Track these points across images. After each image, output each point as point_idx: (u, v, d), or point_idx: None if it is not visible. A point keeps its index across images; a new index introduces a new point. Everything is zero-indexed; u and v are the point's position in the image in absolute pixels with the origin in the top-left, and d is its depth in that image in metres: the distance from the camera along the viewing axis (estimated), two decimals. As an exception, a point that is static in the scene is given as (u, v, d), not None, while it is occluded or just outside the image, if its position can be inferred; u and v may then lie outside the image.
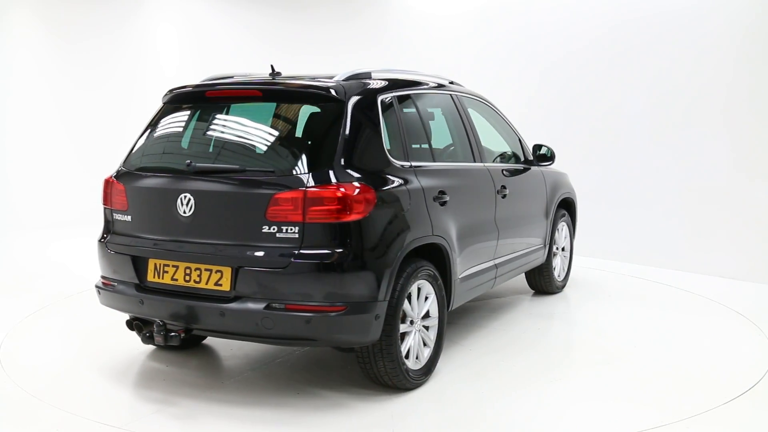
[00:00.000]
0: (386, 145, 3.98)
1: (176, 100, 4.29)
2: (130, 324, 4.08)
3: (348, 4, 10.77)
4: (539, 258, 5.87)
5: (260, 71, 4.49)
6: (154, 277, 3.92)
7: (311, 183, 3.56)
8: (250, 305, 3.60)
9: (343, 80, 3.97)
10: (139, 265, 3.99)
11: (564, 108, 8.55)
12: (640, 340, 5.11)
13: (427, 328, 4.20)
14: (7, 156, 9.82)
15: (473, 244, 4.68)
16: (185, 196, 3.80)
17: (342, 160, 3.66)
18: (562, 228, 6.33)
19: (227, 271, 3.68)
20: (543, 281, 6.17)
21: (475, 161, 4.94)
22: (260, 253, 3.61)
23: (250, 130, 3.99)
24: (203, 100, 4.20)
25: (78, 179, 10.15)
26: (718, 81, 7.20)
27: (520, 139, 5.74)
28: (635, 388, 4.22)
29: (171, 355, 4.68)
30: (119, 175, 4.20)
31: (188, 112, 4.21)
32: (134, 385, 4.22)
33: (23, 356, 4.73)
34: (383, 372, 3.89)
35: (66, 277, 6.90)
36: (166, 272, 3.88)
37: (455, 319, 5.50)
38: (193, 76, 5.14)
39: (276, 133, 3.95)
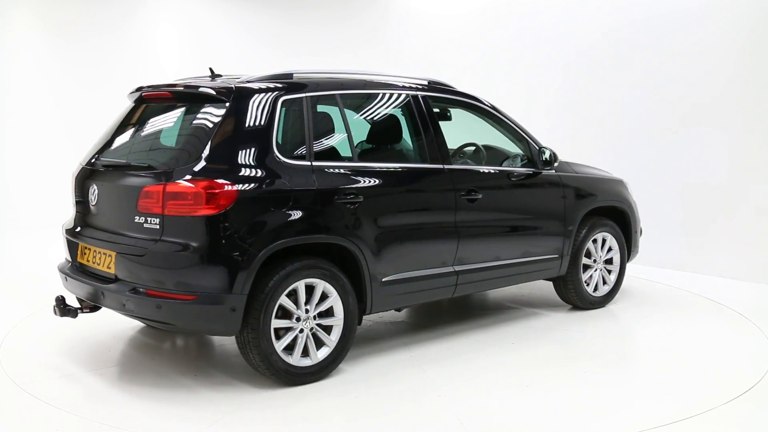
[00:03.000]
0: (277, 144, 4.07)
1: (133, 100, 4.64)
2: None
3: (349, 5, 10.77)
4: (552, 269, 5.48)
5: (253, 71, 4.59)
6: (80, 258, 4.41)
7: (173, 178, 3.85)
8: (120, 287, 3.98)
9: (246, 81, 4.21)
10: (73, 247, 4.48)
11: (564, 108, 8.55)
12: (639, 340, 5.11)
13: (329, 327, 4.24)
14: (7, 156, 9.83)
15: (409, 247, 4.57)
16: (93, 188, 4.32)
17: (210, 158, 3.88)
18: (606, 239, 5.80)
19: (114, 256, 4.06)
20: (570, 295, 5.73)
21: (433, 163, 4.75)
22: (130, 241, 3.99)
23: (153, 129, 4.39)
24: (143, 100, 4.54)
25: (78, 179, 10.13)
26: (718, 81, 7.20)
27: (529, 143, 5.38)
28: (635, 388, 4.22)
29: (172, 351, 4.68)
30: (78, 169, 4.63)
31: (131, 112, 4.59)
32: (134, 384, 4.23)
33: (23, 356, 4.74)
34: (256, 364, 4.03)
35: (66, 277, 6.89)
36: (85, 254, 4.35)
37: (441, 325, 5.45)
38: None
39: (166, 131, 4.27)
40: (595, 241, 5.75)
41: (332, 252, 4.29)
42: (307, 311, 4.13)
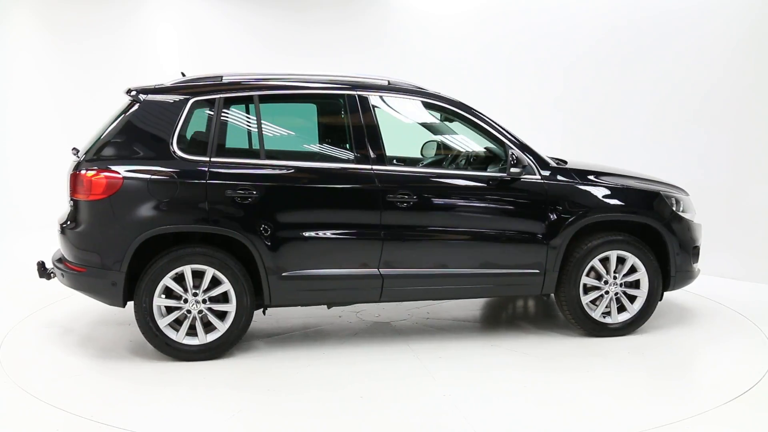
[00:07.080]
0: (178, 141, 4.55)
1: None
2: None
3: (349, 5, 10.77)
4: (532, 286, 4.99)
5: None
6: None
7: (81, 167, 4.51)
8: (55, 257, 4.86)
9: (172, 83, 4.75)
10: None
11: (564, 108, 8.55)
12: (637, 340, 5.10)
13: (224, 313, 4.59)
14: (7, 156, 9.82)
15: (316, 246, 4.64)
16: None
17: (112, 150, 4.53)
18: (626, 259, 5.06)
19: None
20: (566, 317, 5.14)
21: (358, 164, 4.72)
22: (62, 220, 4.68)
23: (104, 125, 4.74)
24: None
25: (78, 179, 10.12)
26: (718, 81, 7.20)
27: (506, 147, 4.89)
28: (634, 388, 4.22)
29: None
30: None
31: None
32: (133, 384, 4.24)
33: (23, 356, 4.75)
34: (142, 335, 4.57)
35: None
36: None
37: (413, 331, 5.42)
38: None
39: (106, 127, 4.68)
40: (607, 259, 5.07)
41: (236, 244, 4.59)
42: (195, 294, 4.51)
